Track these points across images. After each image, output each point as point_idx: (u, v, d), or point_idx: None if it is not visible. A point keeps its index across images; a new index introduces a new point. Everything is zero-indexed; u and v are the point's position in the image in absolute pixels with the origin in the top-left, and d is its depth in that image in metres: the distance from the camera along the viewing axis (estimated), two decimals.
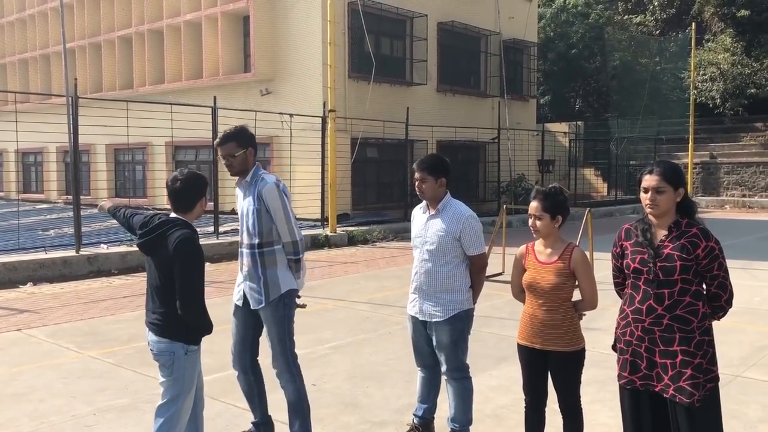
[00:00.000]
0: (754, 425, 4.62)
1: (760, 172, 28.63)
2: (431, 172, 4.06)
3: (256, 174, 4.09)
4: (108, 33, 24.19)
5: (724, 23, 30.90)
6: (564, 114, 34.04)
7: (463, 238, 4.02)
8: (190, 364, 3.52)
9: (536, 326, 3.58)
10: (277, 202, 3.98)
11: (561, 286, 3.50)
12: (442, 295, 4.03)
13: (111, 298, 9.21)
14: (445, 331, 4.01)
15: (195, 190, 3.55)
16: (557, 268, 3.51)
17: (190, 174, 3.58)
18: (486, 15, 22.89)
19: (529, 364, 3.64)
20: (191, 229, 3.50)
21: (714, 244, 3.06)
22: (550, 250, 3.57)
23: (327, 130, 16.15)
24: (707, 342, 3.07)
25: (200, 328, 3.50)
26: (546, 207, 3.51)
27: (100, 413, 4.88)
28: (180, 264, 3.34)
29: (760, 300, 8.84)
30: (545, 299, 3.53)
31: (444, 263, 4.03)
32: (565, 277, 3.50)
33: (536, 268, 3.57)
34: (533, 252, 3.64)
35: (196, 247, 3.42)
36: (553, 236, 3.57)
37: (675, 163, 3.28)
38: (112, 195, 23.13)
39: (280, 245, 4.02)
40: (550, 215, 3.51)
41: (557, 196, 3.56)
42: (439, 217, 4.09)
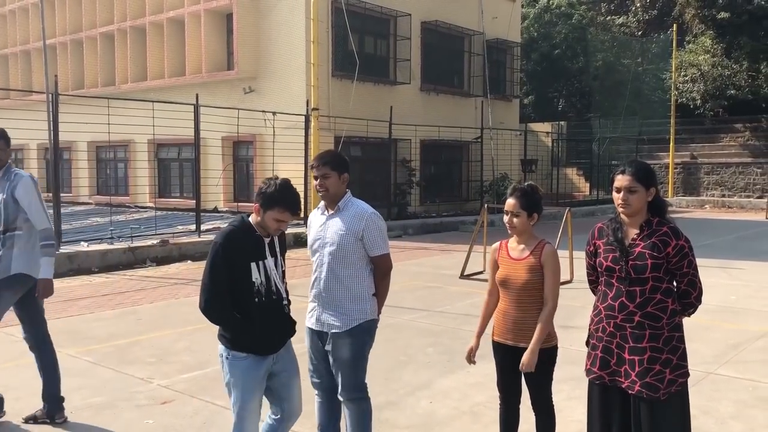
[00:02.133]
0: (725, 421, 4.70)
1: (740, 172, 28.98)
2: (334, 167, 3.67)
3: (8, 170, 4.57)
4: (90, 29, 24.00)
5: (704, 25, 31.23)
6: (547, 114, 34.25)
7: (366, 238, 3.66)
8: (237, 372, 3.27)
9: (509, 323, 3.60)
10: (32, 195, 4.51)
11: (533, 282, 3.52)
12: (344, 303, 3.66)
13: (91, 296, 9.15)
14: (346, 343, 3.63)
15: (258, 193, 3.30)
16: (529, 264, 3.54)
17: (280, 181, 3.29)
18: (469, 15, 22.97)
19: (502, 360, 3.66)
20: (240, 227, 3.30)
21: (684, 243, 3.11)
22: (522, 246, 3.60)
23: (310, 129, 16.15)
24: (677, 338, 3.13)
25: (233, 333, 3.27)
26: (523, 204, 3.54)
27: (77, 411, 4.86)
28: None
29: (735, 298, 8.97)
30: (517, 295, 3.56)
31: (346, 266, 3.66)
32: (537, 272, 3.53)
33: (509, 265, 3.60)
34: (506, 248, 3.67)
35: (222, 242, 3.21)
36: (527, 233, 3.60)
37: (647, 164, 3.33)
38: (93, 193, 22.97)
39: (21, 231, 4.51)
40: (527, 213, 3.54)
41: (534, 194, 3.60)
42: (339, 216, 3.70)
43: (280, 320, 3.40)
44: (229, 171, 19.68)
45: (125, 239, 13.01)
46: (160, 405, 4.99)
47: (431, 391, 5.33)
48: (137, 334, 7.11)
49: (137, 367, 5.90)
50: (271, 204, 3.23)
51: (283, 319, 3.42)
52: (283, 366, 3.42)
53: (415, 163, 20.90)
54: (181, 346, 6.59)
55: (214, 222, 16.90)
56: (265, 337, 3.31)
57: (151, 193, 20.51)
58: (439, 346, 6.60)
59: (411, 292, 9.42)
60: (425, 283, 10.22)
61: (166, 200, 21.45)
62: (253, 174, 19.48)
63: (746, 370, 5.83)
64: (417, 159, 21.04)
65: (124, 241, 12.85)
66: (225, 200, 19.70)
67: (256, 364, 3.29)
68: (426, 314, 8.05)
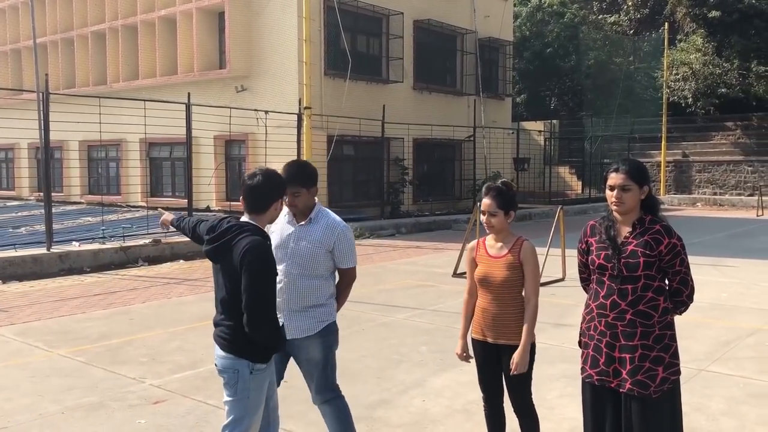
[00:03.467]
0: (716, 418, 4.72)
1: (731, 170, 29.12)
2: (304, 184, 3.64)
3: None
4: (81, 28, 23.88)
5: (695, 24, 31.35)
6: (539, 112, 34.31)
7: (337, 250, 3.72)
8: (255, 385, 3.17)
9: (488, 320, 3.60)
10: None
11: (512, 279, 3.52)
12: (310, 310, 3.69)
13: (82, 296, 9.11)
14: (316, 344, 3.67)
15: (273, 189, 3.20)
16: (508, 261, 3.53)
17: (270, 171, 3.24)
18: (462, 13, 22.99)
19: (483, 358, 3.66)
20: (262, 235, 3.15)
21: (676, 241, 3.11)
22: (500, 245, 3.60)
23: (303, 128, 16.11)
24: (669, 336, 3.13)
25: (270, 346, 3.18)
26: (500, 204, 3.54)
27: (69, 412, 4.84)
28: (248, 275, 3.00)
29: (727, 296, 9.01)
30: (497, 293, 3.55)
31: (314, 277, 3.68)
32: (516, 270, 3.52)
33: (487, 263, 3.59)
34: (484, 246, 3.66)
35: (266, 256, 3.07)
36: (504, 231, 3.60)
37: (640, 162, 3.34)
38: (85, 192, 22.89)
39: None
40: (504, 212, 3.54)
41: (509, 192, 3.60)
42: (310, 228, 3.70)
43: None
44: (221, 170, 19.63)
45: (117, 239, 12.96)
46: (153, 405, 4.97)
47: (424, 389, 5.33)
48: (129, 333, 7.08)
49: (129, 367, 5.88)
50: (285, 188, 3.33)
51: None
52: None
53: (408, 161, 20.90)
54: (174, 346, 6.57)
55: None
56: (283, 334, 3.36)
57: (143, 193, 20.45)
58: (432, 345, 6.61)
59: (404, 291, 9.42)
60: (418, 281, 10.22)
61: (158, 199, 21.35)
62: (245, 173, 19.37)
63: (737, 367, 5.86)
64: (410, 158, 21.04)
65: (115, 240, 12.80)
66: (217, 199, 19.65)
67: (270, 369, 3.24)
68: (419, 313, 8.05)
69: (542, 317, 7.65)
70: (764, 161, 28.33)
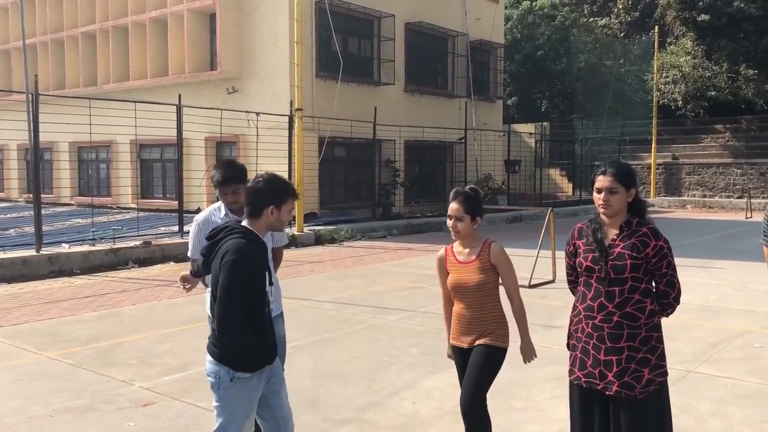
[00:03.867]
0: (704, 419, 4.75)
1: (720, 172, 29.31)
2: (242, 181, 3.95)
3: None
4: (71, 29, 23.79)
5: (685, 27, 31.53)
6: (530, 115, 34.42)
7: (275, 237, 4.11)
8: (238, 393, 3.07)
9: (464, 325, 3.61)
10: None
11: (485, 282, 3.54)
12: None
13: (72, 298, 9.07)
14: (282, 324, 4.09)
15: (267, 195, 3.12)
16: (479, 264, 3.55)
17: (272, 176, 3.20)
18: (453, 16, 23.05)
19: (460, 364, 3.65)
20: (252, 238, 3.08)
21: (663, 243, 3.13)
22: (468, 250, 3.61)
23: (294, 129, 16.11)
24: (655, 338, 3.15)
25: (247, 354, 3.05)
26: (467, 209, 3.53)
27: (57, 415, 4.82)
28: (223, 275, 2.94)
29: (715, 297, 9.07)
30: (472, 297, 3.57)
31: None
32: (488, 272, 3.54)
33: (458, 269, 3.60)
34: (453, 254, 3.67)
35: (243, 258, 2.96)
36: (471, 236, 3.60)
37: (627, 164, 3.37)
38: (75, 194, 22.76)
39: None
40: (471, 217, 3.55)
41: (476, 198, 3.60)
42: None
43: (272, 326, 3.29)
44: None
45: (107, 240, 12.91)
46: (142, 407, 4.96)
47: (414, 391, 5.34)
48: (119, 336, 7.06)
49: (119, 370, 5.86)
50: (286, 197, 3.17)
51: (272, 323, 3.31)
52: (273, 371, 3.27)
53: (400, 163, 20.93)
54: (164, 348, 6.55)
55: None
56: (271, 348, 3.17)
57: (134, 194, 20.38)
58: (423, 347, 6.61)
59: (395, 293, 9.43)
60: (409, 283, 10.23)
61: (148, 201, 21.30)
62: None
63: (725, 368, 5.89)
64: (401, 159, 21.07)
65: (106, 242, 12.75)
66: (208, 201, 19.58)
67: (258, 379, 3.13)
68: (410, 315, 8.06)
69: (532, 319, 7.67)
70: (753, 164, 28.52)
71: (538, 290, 9.56)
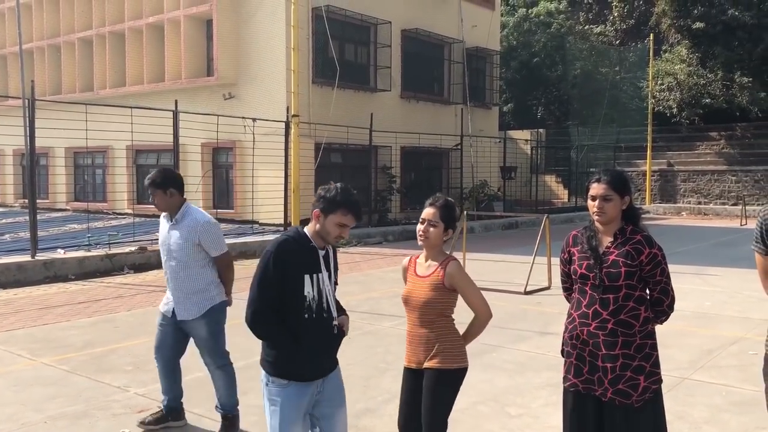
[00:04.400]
0: (699, 426, 4.76)
1: (715, 180, 29.41)
2: (158, 187, 4.38)
3: None
4: (68, 34, 23.78)
5: (680, 35, 31.70)
6: (526, 121, 34.52)
7: (203, 243, 4.39)
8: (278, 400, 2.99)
9: (414, 344, 3.39)
10: None
11: (435, 301, 3.31)
12: (193, 297, 4.42)
13: (67, 303, 9.05)
14: (201, 326, 4.44)
15: (317, 199, 3.10)
16: (432, 281, 3.33)
17: (336, 185, 3.11)
18: (449, 23, 23.12)
19: (406, 386, 3.42)
20: (293, 236, 3.08)
21: (657, 251, 3.15)
22: (429, 263, 3.40)
23: (290, 135, 16.12)
24: (650, 345, 3.16)
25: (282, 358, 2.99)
26: (443, 216, 3.34)
27: (52, 421, 4.80)
28: None
29: (710, 304, 9.09)
30: (420, 314, 3.35)
31: (189, 267, 4.41)
32: (440, 291, 3.30)
33: (413, 282, 3.40)
34: (414, 264, 3.47)
35: (266, 252, 2.99)
36: (437, 248, 3.39)
37: (622, 172, 3.38)
38: (71, 199, 22.71)
39: None
40: (444, 225, 3.35)
41: (453, 209, 3.42)
42: (178, 227, 4.43)
43: (330, 341, 3.13)
44: (209, 177, 19.58)
45: (103, 246, 12.88)
46: (137, 414, 4.95)
47: None
48: (114, 342, 7.04)
49: (114, 376, 5.85)
50: (334, 207, 3.03)
51: (332, 340, 3.15)
52: (329, 394, 3.12)
53: (396, 170, 20.95)
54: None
55: None
56: (312, 360, 3.02)
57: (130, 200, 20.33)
58: None
59: (390, 300, 9.42)
60: None
61: (144, 207, 21.24)
62: (232, 180, 19.40)
63: (720, 375, 5.91)
64: (397, 166, 21.10)
65: (101, 248, 12.72)
66: (204, 207, 19.52)
67: (299, 391, 3.00)
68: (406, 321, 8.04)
69: (528, 325, 7.74)
70: (748, 171, 28.63)
71: (533, 297, 9.57)
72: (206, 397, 5.31)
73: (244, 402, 5.18)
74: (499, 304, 9.06)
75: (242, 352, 6.60)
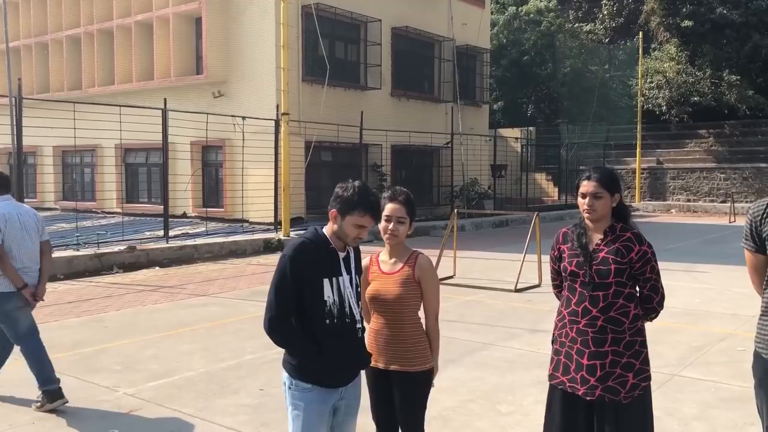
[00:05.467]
0: (688, 422, 4.78)
1: (704, 177, 29.59)
2: None
3: None
4: (55, 32, 23.61)
5: (669, 33, 31.86)
6: (516, 120, 34.59)
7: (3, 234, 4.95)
8: (301, 404, 2.89)
9: (380, 344, 3.25)
10: None
11: (406, 297, 3.21)
12: None
13: (55, 303, 8.98)
14: None
15: (334, 197, 2.99)
16: (402, 276, 3.22)
17: (354, 184, 3.00)
18: (439, 21, 23.12)
19: (376, 388, 3.31)
20: (312, 238, 2.95)
21: (647, 248, 3.16)
22: (394, 259, 3.29)
23: (280, 134, 16.07)
24: (639, 343, 3.16)
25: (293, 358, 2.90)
26: (409, 211, 3.24)
27: (40, 422, 4.77)
28: None
29: (699, 301, 9.14)
30: (390, 313, 3.23)
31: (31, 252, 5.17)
32: (411, 286, 3.22)
33: (380, 279, 3.28)
34: (377, 263, 3.35)
35: (283, 255, 2.89)
36: (402, 244, 3.30)
37: (612, 170, 3.39)
38: (59, 198, 22.57)
39: None
40: (410, 220, 3.26)
41: (413, 201, 3.33)
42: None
43: (353, 347, 2.98)
44: (198, 176, 19.50)
45: (92, 245, 12.80)
46: (126, 414, 4.92)
47: None
48: (103, 341, 7.00)
49: (103, 376, 5.81)
50: (351, 208, 2.90)
51: (356, 345, 3.00)
52: (347, 401, 3.01)
53: (386, 168, 20.94)
54: (149, 354, 6.50)
55: (183, 227, 16.73)
56: (335, 366, 2.90)
57: (119, 199, 20.22)
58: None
59: None
60: None
61: (133, 206, 21.16)
62: (222, 179, 19.33)
63: (709, 371, 5.94)
64: (388, 164, 21.08)
65: (90, 247, 12.64)
66: (194, 206, 19.51)
67: (322, 397, 2.89)
68: None
69: (518, 323, 7.76)
70: (736, 168, 28.83)
71: (524, 294, 9.59)
72: (195, 397, 5.29)
73: (234, 401, 5.17)
74: (489, 302, 9.07)
75: (232, 351, 6.59)
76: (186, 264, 12.57)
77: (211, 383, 5.60)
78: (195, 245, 13.50)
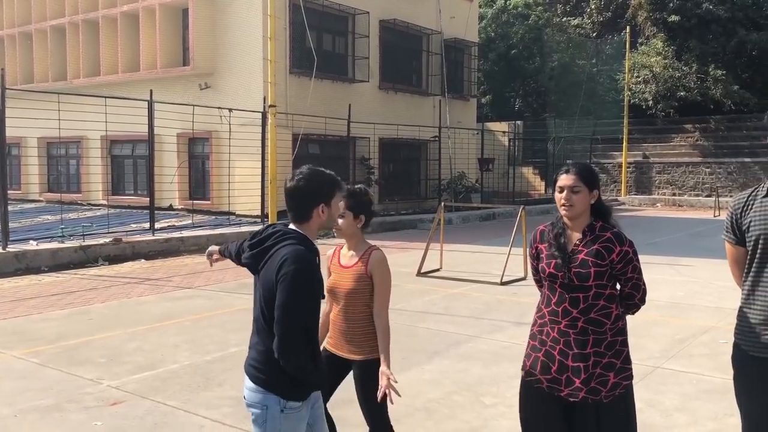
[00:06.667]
0: (670, 413, 4.83)
1: (690, 171, 29.81)
2: None
3: None
4: (39, 22, 23.34)
5: (656, 28, 32.00)
6: (504, 113, 34.65)
7: None
8: (288, 426, 2.67)
9: (337, 333, 3.45)
10: None
11: (358, 291, 3.36)
12: None
13: (39, 296, 8.92)
14: None
15: (311, 193, 2.73)
16: (356, 272, 3.37)
17: (314, 171, 2.76)
18: (427, 14, 23.09)
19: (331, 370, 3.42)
20: (308, 245, 2.71)
21: (628, 248, 3.04)
22: (352, 253, 3.44)
23: (267, 126, 16.01)
24: (620, 342, 3.09)
25: (305, 381, 2.68)
26: (350, 205, 3.35)
27: (22, 414, 4.74)
28: (282, 289, 2.55)
29: (683, 294, 9.22)
30: (343, 305, 3.40)
31: None
32: (363, 280, 3.36)
33: (337, 272, 3.45)
34: (338, 255, 3.51)
35: (307, 270, 2.60)
36: (356, 237, 3.43)
37: (590, 165, 3.36)
38: (44, 190, 22.40)
39: None
40: (353, 214, 3.37)
41: (362, 196, 3.43)
42: None
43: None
44: (184, 168, 19.40)
45: (77, 237, 12.72)
46: (110, 406, 4.90)
47: None
48: (88, 334, 6.96)
49: (87, 368, 5.78)
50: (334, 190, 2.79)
51: None
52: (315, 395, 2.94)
53: (374, 161, 20.92)
54: (133, 347, 6.47)
55: (169, 220, 16.64)
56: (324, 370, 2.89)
57: (104, 191, 20.11)
58: (394, 344, 6.55)
59: None
60: None
61: (119, 198, 21.04)
62: (208, 171, 19.24)
63: (691, 364, 6.00)
64: (376, 157, 21.07)
65: (75, 239, 12.56)
66: (180, 198, 19.41)
67: (307, 409, 2.76)
68: None
69: (503, 316, 7.79)
70: (721, 163, 29.05)
71: (509, 287, 9.63)
72: (180, 389, 5.28)
73: (218, 393, 5.17)
74: (475, 295, 9.10)
75: (218, 344, 6.58)
76: (172, 256, 12.52)
77: (196, 376, 5.59)
78: (181, 237, 13.44)
